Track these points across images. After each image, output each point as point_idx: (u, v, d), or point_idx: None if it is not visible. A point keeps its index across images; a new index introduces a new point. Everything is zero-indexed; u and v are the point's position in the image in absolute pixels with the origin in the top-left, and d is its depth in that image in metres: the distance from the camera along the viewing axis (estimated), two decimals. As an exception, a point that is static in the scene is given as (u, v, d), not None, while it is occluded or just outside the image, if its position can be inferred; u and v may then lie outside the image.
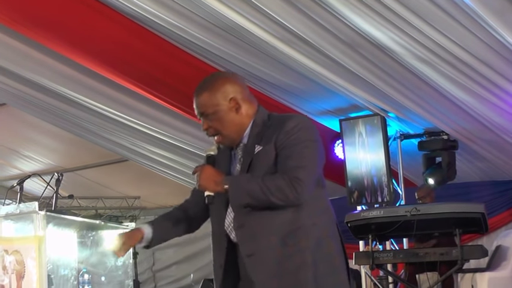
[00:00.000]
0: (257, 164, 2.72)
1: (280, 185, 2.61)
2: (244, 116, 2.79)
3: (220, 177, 2.69)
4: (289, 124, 2.71)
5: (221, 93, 2.76)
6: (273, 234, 2.65)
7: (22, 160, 11.15)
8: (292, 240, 2.64)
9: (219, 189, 2.68)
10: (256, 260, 2.67)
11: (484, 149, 7.57)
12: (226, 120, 2.76)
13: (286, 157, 2.66)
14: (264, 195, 2.61)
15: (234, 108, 2.77)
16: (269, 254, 2.65)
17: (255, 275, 2.67)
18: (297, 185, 2.60)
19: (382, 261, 6.19)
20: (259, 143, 2.74)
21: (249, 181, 2.66)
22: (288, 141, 2.68)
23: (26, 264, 5.04)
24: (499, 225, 8.38)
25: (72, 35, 6.21)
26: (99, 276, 5.51)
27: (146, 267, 12.31)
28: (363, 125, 7.32)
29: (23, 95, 8.00)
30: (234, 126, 2.78)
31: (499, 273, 6.37)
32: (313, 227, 2.67)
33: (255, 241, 2.67)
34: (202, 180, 2.71)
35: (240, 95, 2.79)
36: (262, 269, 2.65)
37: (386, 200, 7.23)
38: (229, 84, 2.80)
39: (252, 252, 2.68)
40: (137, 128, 8.39)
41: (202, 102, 2.78)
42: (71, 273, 5.23)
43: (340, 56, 5.69)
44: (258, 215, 2.67)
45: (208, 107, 2.76)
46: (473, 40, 5.06)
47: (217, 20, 5.41)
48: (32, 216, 5.01)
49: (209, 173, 2.71)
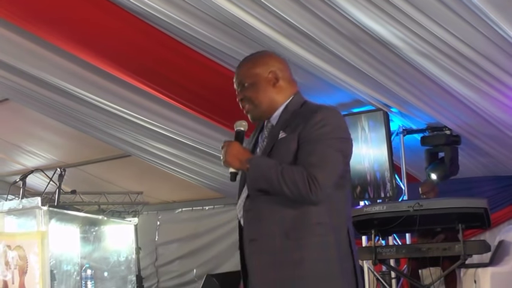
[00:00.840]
0: (277, 150, 2.70)
1: (296, 179, 2.58)
2: (280, 93, 2.80)
3: (246, 156, 2.69)
4: (317, 117, 2.67)
5: (262, 66, 2.81)
6: (276, 225, 2.62)
7: (25, 155, 11.17)
8: (295, 235, 2.61)
9: (243, 167, 2.68)
10: (257, 246, 2.66)
11: (487, 144, 7.56)
12: (261, 90, 2.78)
13: (308, 153, 2.63)
14: (278, 184, 2.59)
15: (271, 81, 2.79)
16: (269, 243, 2.63)
17: (251, 261, 2.67)
18: (312, 184, 2.57)
19: (385, 257, 6.19)
20: (285, 130, 2.72)
21: (270, 167, 2.62)
22: (313, 136, 2.64)
23: (28, 259, 5.06)
24: (501, 220, 8.37)
25: (75, 31, 6.21)
26: (101, 272, 5.54)
27: (149, 262, 12.33)
28: (365, 120, 7.31)
29: (26, 91, 8.00)
30: (267, 98, 2.79)
31: (502, 268, 6.37)
32: (318, 226, 2.62)
33: (259, 226, 2.66)
34: (228, 156, 2.70)
35: (280, 72, 2.82)
36: (260, 257, 2.65)
37: (389, 195, 7.22)
38: (273, 59, 2.85)
39: (255, 238, 2.67)
40: (140, 123, 8.39)
41: (242, 72, 2.83)
42: (73, 268, 5.25)
43: (342, 51, 5.69)
44: (267, 202, 2.65)
45: (247, 77, 2.80)
46: (476, 35, 5.05)
47: (220, 15, 5.40)
48: (35, 212, 5.03)
49: (236, 150, 2.71)
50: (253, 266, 2.67)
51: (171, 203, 12.56)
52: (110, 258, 5.65)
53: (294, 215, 2.62)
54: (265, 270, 2.63)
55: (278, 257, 2.61)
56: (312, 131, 2.64)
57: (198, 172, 10.12)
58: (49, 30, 6.33)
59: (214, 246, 11.37)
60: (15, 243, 5.20)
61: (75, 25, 6.10)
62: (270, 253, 2.62)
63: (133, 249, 6.09)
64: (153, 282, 12.38)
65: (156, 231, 12.52)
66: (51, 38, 6.50)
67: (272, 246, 2.62)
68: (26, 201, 5.31)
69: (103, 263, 5.58)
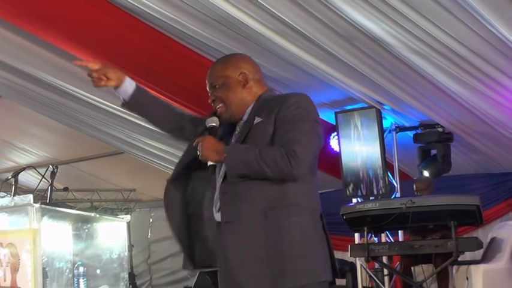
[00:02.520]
0: (252, 135, 2.75)
1: (275, 157, 2.62)
2: (249, 94, 2.87)
3: (222, 147, 2.73)
4: (291, 100, 2.75)
5: (233, 67, 2.88)
6: (255, 205, 2.65)
7: (17, 152, 11.13)
8: (273, 215, 2.64)
9: (221, 158, 2.72)
10: (234, 226, 2.67)
11: (479, 142, 7.58)
12: (232, 91, 2.85)
13: (285, 131, 2.68)
14: (258, 166, 2.62)
15: (241, 82, 2.86)
16: (248, 221, 2.65)
17: (229, 242, 2.68)
18: (292, 159, 2.61)
19: (378, 254, 6.20)
20: (259, 115, 2.78)
21: (246, 151, 2.67)
22: (289, 117, 2.70)
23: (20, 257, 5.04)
24: (494, 217, 8.40)
25: (69, 29, 6.19)
26: (94, 269, 5.52)
27: (141, 259, 12.31)
28: (358, 118, 7.32)
29: (18, 87, 7.98)
30: (237, 99, 2.85)
31: (494, 265, 6.38)
32: (295, 207, 2.66)
33: (236, 207, 2.69)
34: (204, 150, 2.74)
35: (250, 74, 2.88)
36: (238, 236, 2.66)
37: (381, 193, 7.24)
38: (243, 61, 2.94)
39: (231, 219, 2.69)
40: (133, 120, 8.36)
41: (214, 73, 2.90)
42: (66, 266, 5.23)
43: (336, 49, 5.69)
44: (243, 185, 2.68)
45: (219, 78, 2.87)
46: (468, 33, 5.06)
47: (213, 12, 5.40)
48: (27, 209, 5.01)
49: (211, 143, 2.75)
50: (231, 246, 2.67)
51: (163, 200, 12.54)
52: (103, 255, 5.63)
53: (271, 195, 2.66)
54: (243, 250, 2.64)
55: (256, 237, 2.63)
56: (287, 112, 2.71)
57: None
58: (43, 28, 6.31)
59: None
60: (7, 240, 5.18)
61: (69, 23, 6.08)
62: (250, 232, 2.64)
63: (126, 246, 6.08)
64: (146, 279, 12.37)
65: (148, 228, 12.49)
66: (45, 36, 6.48)
67: (250, 225, 2.65)
68: (18, 198, 5.28)
69: (95, 261, 5.56)
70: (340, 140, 7.45)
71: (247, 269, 2.63)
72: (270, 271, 2.60)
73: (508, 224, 7.26)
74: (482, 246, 6.24)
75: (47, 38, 6.49)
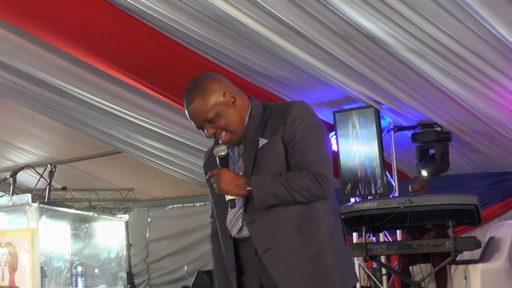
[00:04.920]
0: (262, 158, 2.66)
1: (306, 184, 2.58)
2: (242, 108, 2.73)
3: (242, 180, 2.62)
4: (292, 114, 2.65)
5: (213, 93, 2.68)
6: (288, 226, 2.61)
7: (15, 152, 11.13)
8: (308, 230, 2.61)
9: (243, 192, 2.62)
10: (273, 253, 2.62)
11: (477, 141, 7.58)
12: (228, 116, 2.68)
13: (302, 152, 2.62)
14: (290, 196, 2.58)
15: (230, 102, 2.69)
16: (286, 245, 2.61)
17: (273, 269, 2.62)
18: (321, 181, 2.59)
19: (376, 253, 6.21)
20: (262, 136, 2.68)
21: (273, 182, 2.59)
22: (297, 133, 2.64)
23: (18, 256, 5.04)
24: (492, 216, 8.40)
25: (66, 27, 6.19)
26: (92, 269, 5.52)
27: (140, 259, 12.31)
28: (356, 117, 7.32)
29: (16, 87, 7.98)
30: (236, 120, 2.70)
31: (492, 265, 6.39)
32: (325, 216, 2.65)
33: (270, 234, 2.62)
34: (223, 185, 2.62)
35: (230, 90, 2.73)
36: (281, 262, 2.61)
37: (379, 192, 7.24)
38: (215, 82, 2.72)
39: (269, 247, 2.63)
40: (131, 120, 8.37)
41: (199, 111, 2.68)
42: (64, 265, 5.23)
43: (333, 48, 5.69)
44: (269, 210, 2.62)
45: (208, 112, 2.66)
46: (466, 32, 5.07)
47: (211, 12, 5.40)
48: (25, 208, 5.01)
49: (229, 177, 2.63)
50: (277, 273, 2.62)
51: (162, 200, 12.55)
52: (101, 255, 5.63)
53: (299, 213, 2.62)
54: (289, 274, 2.61)
55: (298, 256, 2.61)
56: (294, 130, 2.64)
57: (189, 169, 10.11)
58: (40, 27, 6.31)
59: (205, 243, 11.28)
60: (5, 240, 5.18)
61: (66, 22, 6.08)
62: (290, 255, 2.61)
63: (124, 246, 6.06)
64: (144, 279, 12.37)
65: (147, 228, 12.50)
66: (42, 35, 6.48)
67: (289, 247, 2.61)
68: (16, 197, 5.29)
69: (94, 260, 5.56)
70: (338, 140, 7.46)
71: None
72: (319, 285, 2.60)
73: (506, 224, 7.27)
74: (481, 246, 6.25)
75: (44, 36, 6.49)
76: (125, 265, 5.85)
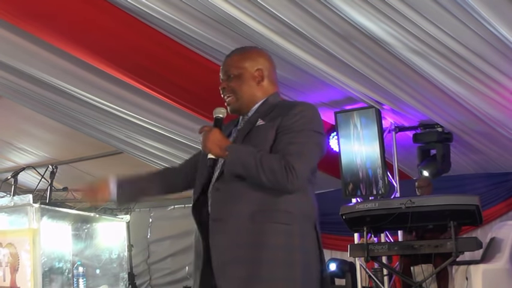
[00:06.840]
0: (254, 135, 2.72)
1: (274, 167, 2.59)
2: (261, 91, 2.86)
3: (226, 143, 2.69)
4: (296, 109, 2.73)
5: (251, 61, 2.86)
6: (245, 207, 2.62)
7: (16, 152, 11.12)
8: (260, 218, 2.60)
9: (222, 154, 2.68)
10: (221, 225, 2.63)
11: (478, 142, 7.58)
12: (246, 84, 2.83)
13: (288, 142, 2.65)
14: (256, 171, 2.59)
15: (256, 78, 2.85)
16: (234, 223, 2.61)
17: (214, 240, 2.64)
18: (290, 173, 2.58)
19: (377, 254, 6.20)
20: (263, 118, 2.76)
21: (248, 153, 2.63)
22: (293, 125, 2.68)
23: (20, 257, 5.04)
24: (493, 217, 8.40)
25: (66, 27, 6.19)
26: (93, 269, 5.51)
27: (141, 259, 12.30)
28: (357, 118, 7.32)
29: (17, 87, 7.97)
30: (249, 93, 2.84)
31: (493, 265, 6.38)
32: (285, 215, 2.62)
33: (226, 207, 2.65)
34: (209, 142, 2.70)
35: (266, 71, 2.87)
36: (223, 237, 2.62)
37: (381, 193, 7.24)
38: (262, 57, 2.91)
39: (220, 217, 2.65)
40: (132, 120, 8.37)
41: (230, 62, 2.88)
42: (65, 266, 5.22)
43: (334, 48, 5.69)
44: (237, 184, 2.65)
45: (235, 68, 2.85)
46: (467, 32, 5.06)
47: (212, 12, 5.40)
48: (26, 209, 5.01)
49: (216, 137, 2.70)
50: (214, 244, 2.64)
51: (163, 200, 12.52)
52: (102, 255, 5.62)
53: (263, 199, 2.62)
54: (227, 250, 2.61)
55: (240, 239, 2.60)
56: (291, 122, 2.69)
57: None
58: (40, 27, 6.31)
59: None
60: (6, 240, 5.18)
61: (66, 22, 6.08)
62: (234, 234, 2.61)
63: (126, 246, 6.06)
64: (146, 279, 12.36)
65: (148, 228, 12.49)
66: (42, 35, 6.47)
67: (237, 227, 2.61)
68: (17, 198, 5.28)
69: (95, 261, 5.55)
70: (339, 140, 7.46)
71: (225, 270, 2.60)
72: (247, 274, 2.57)
73: (507, 224, 7.27)
74: (482, 246, 6.24)
75: (44, 36, 6.48)
76: (126, 266, 5.85)
